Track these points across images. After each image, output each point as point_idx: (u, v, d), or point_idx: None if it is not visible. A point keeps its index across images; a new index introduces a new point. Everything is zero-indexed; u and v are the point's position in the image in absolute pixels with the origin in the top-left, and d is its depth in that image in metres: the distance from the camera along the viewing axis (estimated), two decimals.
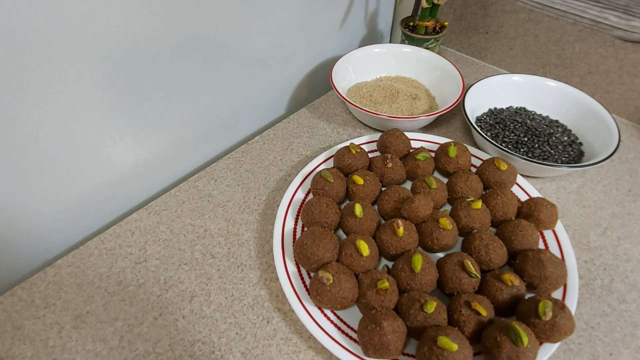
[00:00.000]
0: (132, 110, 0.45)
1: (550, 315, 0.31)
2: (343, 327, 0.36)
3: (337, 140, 0.57)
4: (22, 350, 0.37)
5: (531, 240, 0.39)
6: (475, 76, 0.69)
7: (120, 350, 0.36)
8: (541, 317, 0.31)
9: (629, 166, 0.54)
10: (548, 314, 0.31)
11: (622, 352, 0.36)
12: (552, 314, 0.31)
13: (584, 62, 0.61)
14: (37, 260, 0.46)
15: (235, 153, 0.56)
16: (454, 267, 0.36)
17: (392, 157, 0.46)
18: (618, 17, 0.54)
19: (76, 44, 0.36)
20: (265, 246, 0.45)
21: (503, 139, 0.53)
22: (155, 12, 0.41)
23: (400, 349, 0.32)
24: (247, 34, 0.52)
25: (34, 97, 0.36)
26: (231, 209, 0.49)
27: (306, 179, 0.48)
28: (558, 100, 0.56)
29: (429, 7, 0.60)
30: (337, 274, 0.35)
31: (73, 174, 0.43)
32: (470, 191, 0.44)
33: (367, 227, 0.41)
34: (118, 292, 0.41)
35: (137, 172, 0.50)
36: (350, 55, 0.62)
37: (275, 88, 0.63)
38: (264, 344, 0.37)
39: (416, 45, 0.64)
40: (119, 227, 0.47)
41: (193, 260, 0.43)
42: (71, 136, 0.41)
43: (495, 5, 0.65)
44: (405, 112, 0.56)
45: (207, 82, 0.51)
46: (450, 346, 0.30)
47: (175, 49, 0.45)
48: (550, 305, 0.32)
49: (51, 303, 0.40)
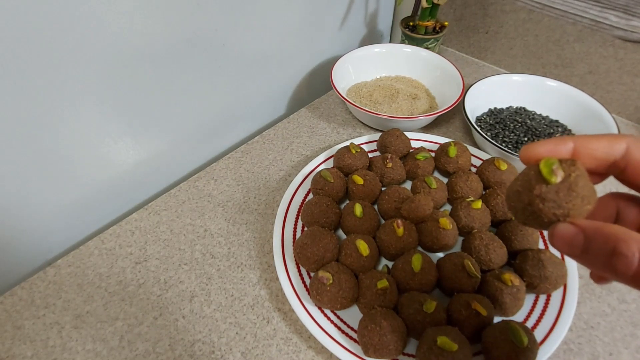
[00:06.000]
0: (132, 110, 0.45)
1: (562, 174, 0.19)
2: (343, 327, 0.36)
3: (337, 140, 0.57)
4: (22, 350, 0.37)
5: (531, 240, 0.39)
6: (475, 76, 0.69)
7: (120, 350, 0.36)
8: (549, 179, 0.19)
9: None
10: (557, 173, 0.19)
11: (622, 352, 0.36)
12: (564, 172, 0.19)
13: (584, 62, 0.61)
14: (37, 260, 0.46)
15: (235, 153, 0.56)
16: (454, 267, 0.36)
17: (392, 157, 0.46)
18: (618, 17, 0.54)
19: (76, 44, 0.36)
20: (265, 246, 0.45)
21: (503, 139, 0.53)
22: (155, 12, 0.41)
23: (400, 349, 0.32)
24: (247, 34, 0.52)
25: (33, 97, 0.36)
26: (231, 208, 0.49)
27: (306, 179, 0.48)
28: (558, 100, 0.56)
29: (429, 7, 0.60)
30: (337, 274, 0.35)
31: (73, 174, 0.43)
32: (470, 191, 0.44)
33: (367, 227, 0.41)
34: (118, 292, 0.41)
35: (137, 172, 0.50)
36: (350, 55, 0.62)
37: (275, 88, 0.63)
38: (264, 344, 0.37)
39: (416, 45, 0.64)
40: (119, 227, 0.47)
41: (193, 260, 0.43)
42: (71, 136, 0.41)
43: (495, 5, 0.65)
44: (405, 112, 0.56)
45: (207, 82, 0.51)
46: (450, 346, 0.30)
47: (175, 49, 0.45)
48: (556, 162, 0.19)
49: (51, 303, 0.40)
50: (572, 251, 0.19)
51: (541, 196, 0.20)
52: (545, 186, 0.19)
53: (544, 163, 0.20)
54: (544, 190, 0.19)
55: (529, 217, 0.21)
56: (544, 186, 0.19)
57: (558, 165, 0.19)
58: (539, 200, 0.20)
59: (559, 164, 0.19)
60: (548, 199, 0.19)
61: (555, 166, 0.19)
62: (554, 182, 0.19)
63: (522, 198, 0.20)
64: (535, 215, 0.20)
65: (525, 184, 0.20)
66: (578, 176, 0.19)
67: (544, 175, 0.19)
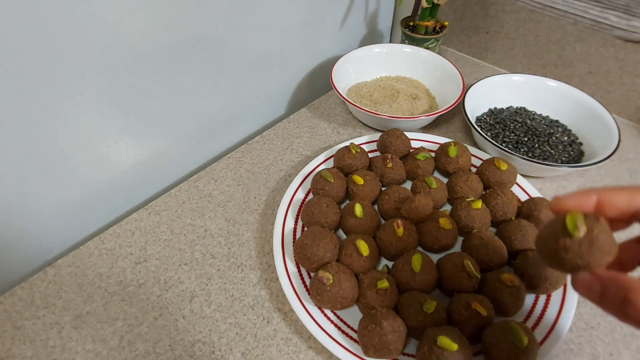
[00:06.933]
0: (132, 110, 0.45)
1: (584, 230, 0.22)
2: (343, 327, 0.36)
3: (337, 140, 0.57)
4: (22, 350, 0.37)
5: (531, 240, 0.39)
6: (475, 76, 0.69)
7: (120, 350, 0.36)
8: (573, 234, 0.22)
9: (629, 166, 0.54)
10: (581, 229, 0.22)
11: (622, 352, 0.36)
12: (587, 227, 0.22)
13: (584, 62, 0.61)
14: (37, 260, 0.46)
15: (235, 153, 0.56)
16: (454, 267, 0.36)
17: (392, 157, 0.46)
18: (619, 17, 0.54)
19: (76, 44, 0.36)
20: (265, 246, 0.45)
21: (503, 139, 0.53)
22: (156, 12, 0.41)
23: (400, 349, 0.32)
24: (247, 34, 0.52)
25: (33, 97, 0.36)
26: (231, 209, 0.49)
27: (306, 179, 0.48)
28: (558, 100, 0.56)
29: (429, 7, 0.60)
30: (337, 274, 0.35)
31: (73, 174, 0.43)
32: (470, 191, 0.44)
33: (367, 227, 0.41)
34: (118, 292, 0.41)
35: (137, 172, 0.50)
36: (350, 55, 0.62)
37: (275, 88, 0.63)
38: (264, 344, 0.37)
39: (416, 45, 0.64)
40: (119, 227, 0.47)
41: (193, 260, 0.43)
42: (71, 136, 0.41)
43: (495, 5, 0.65)
44: (405, 112, 0.56)
45: (207, 82, 0.51)
46: (450, 346, 0.30)
47: (176, 49, 0.45)
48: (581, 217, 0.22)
49: (51, 303, 0.40)
50: (590, 296, 0.22)
51: (565, 247, 0.22)
52: (569, 239, 0.22)
53: (570, 218, 0.22)
54: (568, 243, 0.22)
55: (554, 263, 0.23)
56: (568, 239, 0.22)
57: (582, 221, 0.22)
58: (564, 250, 0.22)
59: (583, 220, 0.22)
60: (571, 251, 0.22)
61: (580, 222, 0.22)
62: (577, 236, 0.22)
63: (549, 246, 0.23)
64: (559, 262, 0.23)
65: (553, 234, 0.23)
66: (600, 232, 0.22)
67: (569, 230, 0.22)
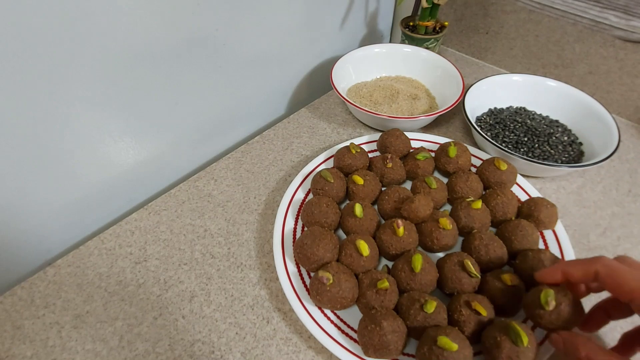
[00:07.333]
0: (132, 110, 0.45)
1: (554, 304, 0.30)
2: (343, 327, 0.36)
3: (337, 140, 0.57)
4: (22, 350, 0.37)
5: (531, 240, 0.39)
6: (475, 76, 0.69)
7: (120, 350, 0.36)
8: (544, 307, 0.31)
9: (629, 166, 0.54)
10: (551, 303, 0.30)
11: None
12: (556, 302, 0.30)
13: (584, 62, 0.61)
14: (37, 260, 0.46)
15: (235, 153, 0.56)
16: (454, 267, 0.36)
17: (392, 157, 0.46)
18: (618, 17, 0.54)
19: (76, 44, 0.36)
20: (265, 246, 0.45)
21: (503, 139, 0.53)
22: (156, 12, 0.41)
23: (400, 349, 0.32)
24: (247, 34, 0.52)
25: (33, 97, 0.36)
26: (231, 209, 0.49)
27: (306, 179, 0.48)
28: (558, 100, 0.56)
29: (429, 7, 0.60)
30: (337, 274, 0.35)
31: (73, 174, 0.43)
32: (470, 191, 0.44)
33: (367, 227, 0.41)
34: (118, 292, 0.41)
35: (137, 172, 0.50)
36: (350, 55, 0.62)
37: (275, 88, 0.63)
38: (263, 344, 0.37)
39: (416, 45, 0.64)
40: (119, 227, 0.47)
41: (193, 260, 0.43)
42: (71, 136, 0.41)
43: (495, 5, 0.65)
44: (405, 112, 0.56)
45: (207, 82, 0.51)
46: (450, 346, 0.30)
47: (176, 49, 0.45)
48: (552, 294, 0.31)
49: (51, 303, 0.40)
50: (558, 348, 0.30)
51: (540, 316, 0.31)
52: (542, 310, 0.31)
53: (544, 294, 0.31)
54: (542, 313, 0.31)
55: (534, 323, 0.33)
56: (541, 310, 0.31)
57: (553, 297, 0.31)
58: (539, 317, 0.31)
59: (553, 296, 0.31)
60: (544, 319, 0.31)
61: (550, 298, 0.30)
62: (547, 310, 0.31)
63: (531, 311, 0.32)
64: (537, 324, 0.32)
65: (533, 302, 0.32)
66: (566, 305, 0.31)
67: (542, 304, 0.31)
